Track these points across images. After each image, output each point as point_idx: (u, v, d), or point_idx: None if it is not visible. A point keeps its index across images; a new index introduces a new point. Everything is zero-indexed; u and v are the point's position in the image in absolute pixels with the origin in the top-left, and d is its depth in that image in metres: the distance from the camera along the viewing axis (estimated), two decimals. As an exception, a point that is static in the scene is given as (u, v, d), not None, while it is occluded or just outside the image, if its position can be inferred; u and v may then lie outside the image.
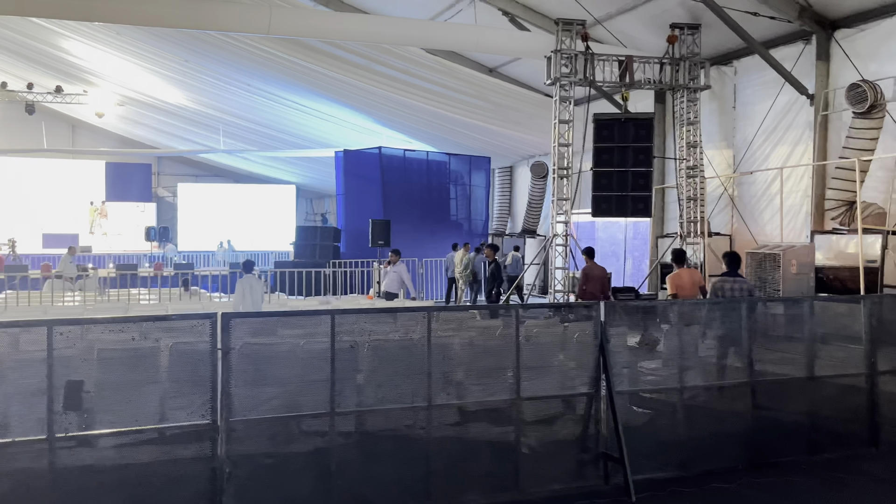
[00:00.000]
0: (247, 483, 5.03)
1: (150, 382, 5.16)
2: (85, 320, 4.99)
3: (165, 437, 4.97)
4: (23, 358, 5.04)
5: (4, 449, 4.66)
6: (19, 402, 4.85)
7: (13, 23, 17.96)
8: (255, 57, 16.70)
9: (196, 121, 23.82)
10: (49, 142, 26.70)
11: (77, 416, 4.72)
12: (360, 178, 19.44)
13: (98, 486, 4.74)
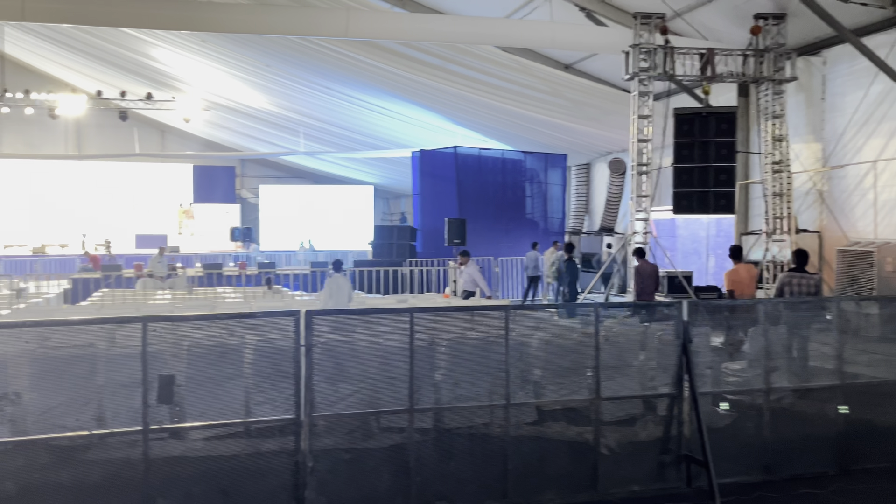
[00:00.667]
0: (327, 477, 5.14)
1: (236, 377, 5.33)
2: (177, 317, 5.20)
3: (251, 431, 5.14)
4: (119, 353, 5.30)
5: (102, 439, 4.90)
6: (116, 395, 5.09)
7: (107, 34, 18.84)
8: (333, 60, 17.02)
9: (277, 124, 24.44)
10: (141, 147, 27.90)
11: (169, 409, 4.93)
12: (435, 177, 19.56)
13: (187, 477, 4.95)
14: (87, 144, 28.92)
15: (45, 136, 27.85)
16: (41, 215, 28.06)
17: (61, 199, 28.48)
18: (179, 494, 4.84)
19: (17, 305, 12.07)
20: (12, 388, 4.74)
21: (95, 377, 5.12)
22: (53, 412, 4.97)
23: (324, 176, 30.72)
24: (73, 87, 24.89)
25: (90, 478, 4.74)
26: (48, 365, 5.02)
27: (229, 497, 4.90)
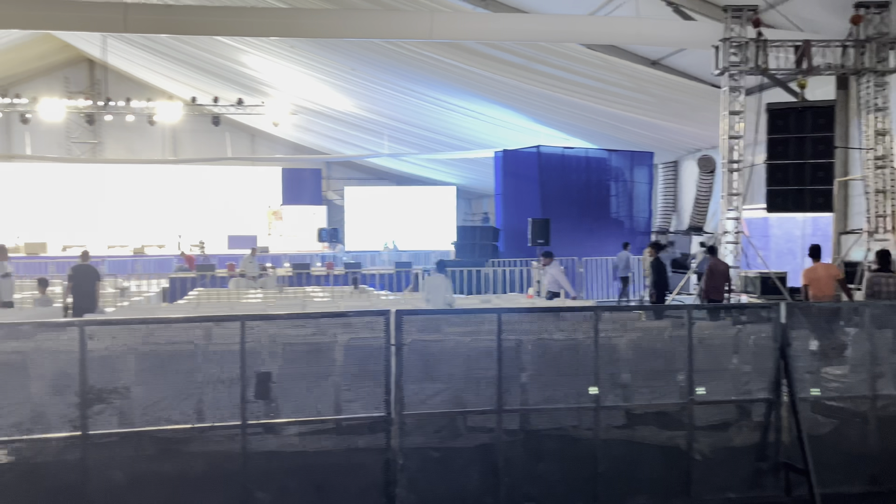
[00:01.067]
0: (417, 475, 5.21)
1: (327, 375, 5.46)
2: (273, 316, 5.37)
3: (343, 428, 5.25)
4: (216, 350, 5.50)
5: (202, 432, 5.11)
6: (215, 390, 5.29)
7: (201, 42, 19.61)
8: (417, 61, 17.19)
9: (362, 126, 24.86)
10: (232, 150, 28.92)
11: (265, 405, 5.09)
12: (518, 177, 19.49)
13: (282, 470, 5.09)
14: (182, 149, 30.17)
15: (144, 141, 29.20)
16: (140, 217, 29.43)
17: (159, 202, 29.78)
18: (275, 488, 4.99)
19: (121, 303, 12.71)
20: (122, 383, 4.98)
21: (196, 373, 5.34)
22: (158, 406, 5.20)
23: (407, 177, 31.06)
24: (170, 94, 25.99)
25: (192, 469, 4.95)
26: (153, 361, 5.26)
27: (322, 492, 5.02)
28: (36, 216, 28.53)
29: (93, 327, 4.88)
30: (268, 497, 4.93)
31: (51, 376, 5.01)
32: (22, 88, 26.69)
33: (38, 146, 27.73)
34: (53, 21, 13.46)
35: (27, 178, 28.79)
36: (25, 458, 4.97)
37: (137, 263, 21.78)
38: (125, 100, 24.07)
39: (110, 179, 29.35)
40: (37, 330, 4.98)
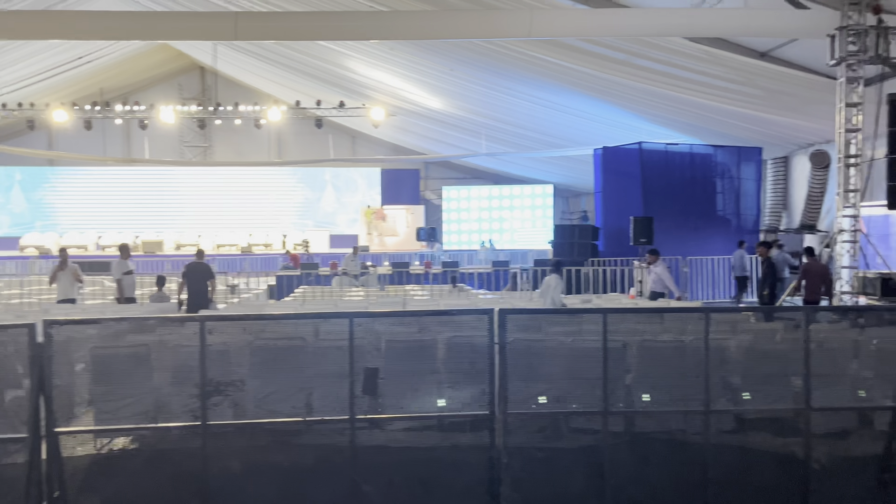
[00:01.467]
0: (521, 474, 5.21)
1: (431, 372, 5.54)
2: (380, 313, 5.49)
3: (447, 424, 5.31)
4: (323, 345, 5.67)
5: (312, 425, 5.28)
6: (324, 385, 5.45)
7: (305, 47, 20.24)
8: (515, 60, 17.14)
9: (460, 126, 25.02)
10: (334, 152, 29.70)
11: (372, 400, 5.21)
12: (619, 174, 19.13)
13: (389, 464, 5.20)
14: (286, 151, 31.22)
15: (250, 144, 30.38)
16: (247, 217, 30.66)
17: (264, 203, 30.95)
18: (382, 482, 5.10)
19: (231, 300, 13.29)
20: (237, 376, 5.21)
21: (305, 368, 5.52)
22: (270, 398, 5.41)
23: (504, 176, 31.04)
24: (276, 98, 26.92)
25: (304, 460, 5.12)
26: (266, 355, 5.48)
27: (428, 487, 5.10)
28: (152, 216, 30.20)
29: (212, 322, 5.12)
30: (375, 490, 5.05)
31: (173, 368, 5.30)
32: (140, 96, 28.30)
33: (154, 150, 29.35)
34: (170, 31, 14.19)
35: (145, 180, 30.49)
36: (150, 445, 5.27)
37: (245, 262, 22.71)
38: (233, 104, 25.11)
39: (220, 181, 30.71)
40: (161, 324, 5.27)
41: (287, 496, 5.06)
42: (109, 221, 29.85)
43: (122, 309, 11.26)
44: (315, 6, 15.89)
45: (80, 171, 30.28)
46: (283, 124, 27.50)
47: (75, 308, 11.29)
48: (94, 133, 26.54)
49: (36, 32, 13.67)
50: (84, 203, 30.20)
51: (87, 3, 20.34)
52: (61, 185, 30.26)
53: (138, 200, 30.31)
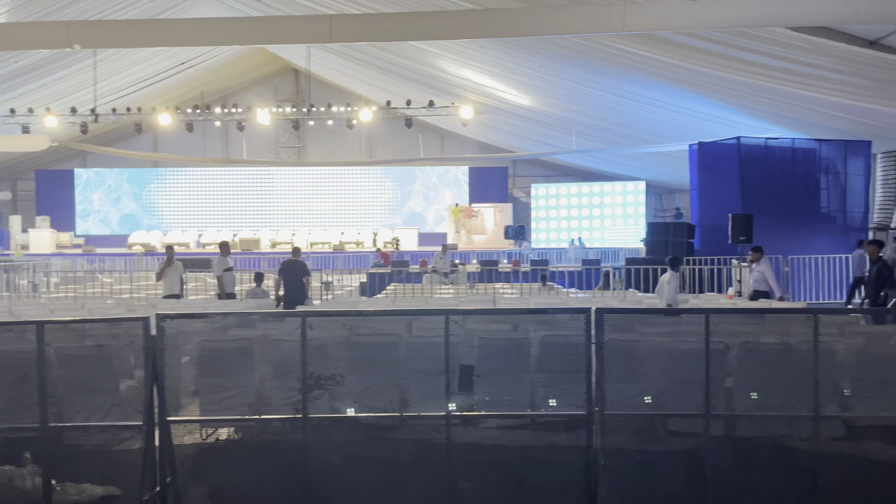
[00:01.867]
0: (619, 477, 5.12)
1: (526, 371, 5.52)
2: (474, 311, 5.51)
3: (542, 424, 5.28)
4: (416, 342, 5.74)
5: (408, 420, 5.35)
6: (419, 381, 5.51)
7: (396, 47, 20.50)
8: (606, 55, 16.86)
9: (549, 123, 24.81)
10: (423, 151, 30.00)
11: (468, 397, 5.24)
12: (716, 170, 18.55)
13: (484, 462, 5.21)
14: (376, 150, 31.76)
15: (342, 144, 31.06)
16: (339, 216, 31.38)
17: (355, 201, 31.59)
18: (478, 478, 5.12)
19: (325, 297, 13.62)
20: (336, 370, 5.33)
21: (401, 363, 5.60)
22: (367, 393, 5.51)
23: (594, 173, 30.61)
24: (367, 99, 27.41)
25: (400, 455, 5.20)
26: (363, 351, 5.58)
27: (524, 486, 5.09)
28: (249, 215, 31.31)
29: (313, 318, 5.26)
30: (471, 487, 5.08)
31: (275, 362, 5.47)
32: (238, 99, 29.40)
33: (251, 151, 30.42)
34: (268, 36, 14.65)
35: (242, 180, 31.64)
36: (254, 436, 5.46)
37: (337, 259, 23.23)
38: (326, 105, 25.70)
39: (313, 180, 31.55)
40: (264, 320, 5.45)
41: (384, 490, 5.15)
42: (209, 220, 31.15)
43: (222, 304, 11.72)
44: (407, 7, 16.08)
45: (182, 172, 31.69)
46: (374, 124, 27.97)
47: (179, 303, 11.82)
48: (195, 135, 27.71)
49: (143, 41, 14.36)
50: (185, 202, 31.61)
51: (189, 12, 21.27)
52: (165, 186, 31.75)
53: (236, 200, 31.50)
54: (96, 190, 31.58)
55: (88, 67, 21.91)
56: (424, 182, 31.78)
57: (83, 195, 31.54)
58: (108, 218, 31.60)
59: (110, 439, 5.44)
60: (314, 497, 5.17)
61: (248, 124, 26.51)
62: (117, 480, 5.32)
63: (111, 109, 24.79)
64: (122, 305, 11.37)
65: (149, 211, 31.60)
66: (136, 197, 31.64)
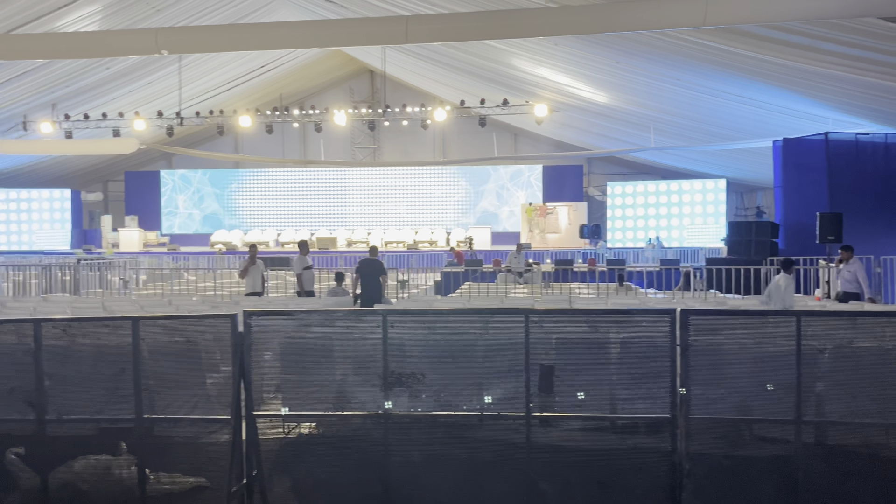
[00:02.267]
0: (704, 482, 5.00)
1: (608, 373, 5.44)
2: (554, 311, 5.46)
3: (625, 426, 5.20)
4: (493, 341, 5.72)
5: (488, 419, 5.35)
6: (497, 380, 5.50)
7: (470, 47, 20.52)
8: (686, 49, 16.45)
9: (625, 120, 24.40)
10: (497, 150, 29.95)
11: (548, 398, 5.20)
12: (801, 167, 17.88)
13: (565, 464, 5.16)
14: (450, 150, 31.88)
15: (416, 144, 31.33)
16: (413, 215, 31.65)
17: (429, 200, 31.79)
18: (558, 480, 5.08)
19: (401, 295, 13.75)
20: (416, 368, 5.37)
21: (480, 363, 5.60)
22: (447, 391, 5.54)
23: (672, 170, 29.95)
24: (441, 98, 27.56)
25: (480, 455, 5.20)
26: (442, 349, 5.60)
27: (605, 489, 5.02)
28: (326, 215, 31.93)
29: (394, 316, 5.32)
30: (552, 489, 5.04)
31: (357, 359, 5.55)
32: (315, 100, 30.01)
33: (327, 152, 31.00)
34: (345, 38, 14.89)
35: (319, 180, 32.27)
36: (335, 432, 5.56)
37: (412, 258, 23.42)
38: (401, 106, 25.94)
39: (387, 180, 31.92)
40: (347, 317, 5.54)
41: (465, 488, 5.16)
42: (287, 219, 31.91)
43: (302, 301, 11.97)
44: (482, 6, 16.07)
45: (262, 173, 32.56)
46: (448, 124, 28.08)
47: (261, 300, 12.13)
48: (273, 136, 28.43)
49: (227, 45, 14.81)
50: (265, 202, 32.46)
51: (269, 16, 21.83)
52: (245, 186, 32.67)
53: (313, 199, 32.17)
54: (181, 192, 32.76)
55: (174, 72, 22.76)
56: (497, 181, 31.74)
57: (169, 196, 32.76)
58: (191, 217, 32.72)
59: (199, 432, 5.62)
60: (395, 493, 5.23)
61: (325, 125, 26.99)
62: (206, 472, 5.50)
63: (195, 112, 25.65)
64: (207, 302, 11.74)
65: (230, 211, 32.57)
66: (218, 197, 32.66)
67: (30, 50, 14.63)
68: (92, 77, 21.94)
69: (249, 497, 5.27)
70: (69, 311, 10.63)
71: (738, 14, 12.81)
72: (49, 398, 5.64)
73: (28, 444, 5.62)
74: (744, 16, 12.90)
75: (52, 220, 30.04)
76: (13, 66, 19.39)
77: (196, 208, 32.73)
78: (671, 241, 27.62)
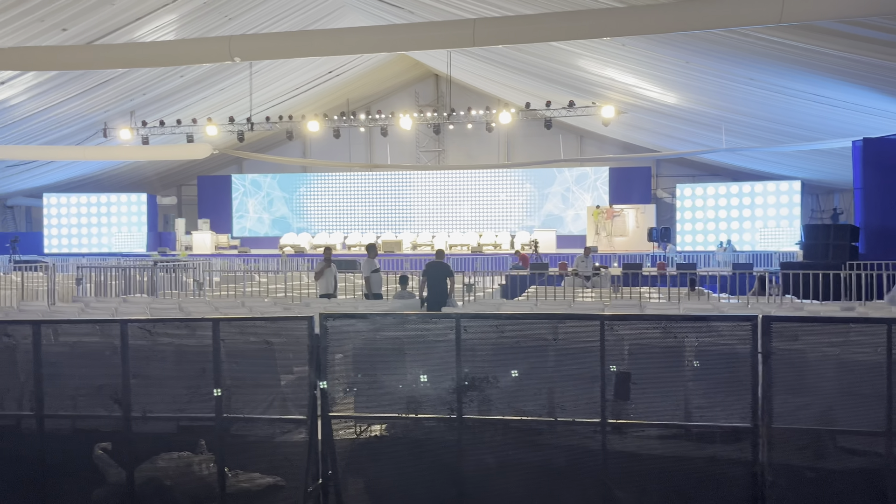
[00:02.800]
0: (788, 494, 4.85)
1: (684, 380, 5.33)
2: (629, 316, 5.39)
3: (704, 435, 5.08)
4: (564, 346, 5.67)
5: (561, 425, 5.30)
6: (571, 386, 5.45)
7: (535, 49, 20.43)
8: (759, 47, 15.99)
9: (695, 121, 23.90)
10: (563, 152, 29.70)
11: (625, 405, 5.13)
12: (883, 168, 17.20)
13: (642, 472, 5.08)
14: (515, 153, 31.79)
15: (481, 147, 31.34)
16: (478, 218, 31.67)
17: (494, 203, 31.76)
18: (635, 489, 5.00)
19: (468, 298, 13.77)
20: (488, 372, 5.37)
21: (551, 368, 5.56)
22: (520, 396, 5.52)
23: (744, 172, 29.19)
24: (506, 101, 27.50)
25: (554, 461, 5.16)
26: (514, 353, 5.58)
27: (685, 498, 4.92)
28: (391, 218, 32.23)
29: (466, 320, 5.33)
30: (629, 497, 4.97)
31: (430, 362, 5.57)
32: (381, 104, 30.32)
33: (393, 156, 31.31)
34: (412, 42, 15.01)
35: (385, 184, 32.60)
36: (408, 434, 5.60)
37: (476, 261, 23.42)
38: (466, 109, 25.97)
39: (452, 184, 32.03)
40: (420, 320, 5.57)
41: (538, 494, 5.13)
42: (354, 223, 32.34)
43: (370, 304, 12.11)
44: (548, 7, 15.98)
45: (329, 177, 33.08)
46: (513, 126, 28.00)
47: (331, 302, 12.31)
48: (340, 141, 28.75)
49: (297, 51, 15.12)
50: (332, 206, 32.96)
51: (337, 22, 22.18)
52: (313, 190, 33.24)
53: (379, 203, 32.50)
54: (251, 195, 33.54)
55: (245, 79, 23.35)
56: (562, 184, 31.48)
57: (240, 200, 33.59)
58: (261, 221, 33.47)
59: (276, 431, 5.74)
60: (469, 497, 5.23)
61: (391, 129, 27.25)
62: (283, 471, 5.61)
63: (265, 118, 26.24)
64: (279, 304, 11.99)
65: (298, 214, 33.19)
66: (287, 201, 33.31)
67: (111, 59, 15.25)
68: (167, 85, 22.69)
69: (325, 497, 5.35)
70: (148, 312, 11.01)
71: (816, 10, 12.39)
72: (134, 396, 5.85)
73: (115, 439, 5.83)
74: (823, 12, 12.47)
75: (130, 224, 31.17)
76: (95, 75, 20.22)
77: (266, 212, 33.47)
78: (743, 245, 26.91)
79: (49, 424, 6.03)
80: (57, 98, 21.20)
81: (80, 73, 19.61)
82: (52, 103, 21.50)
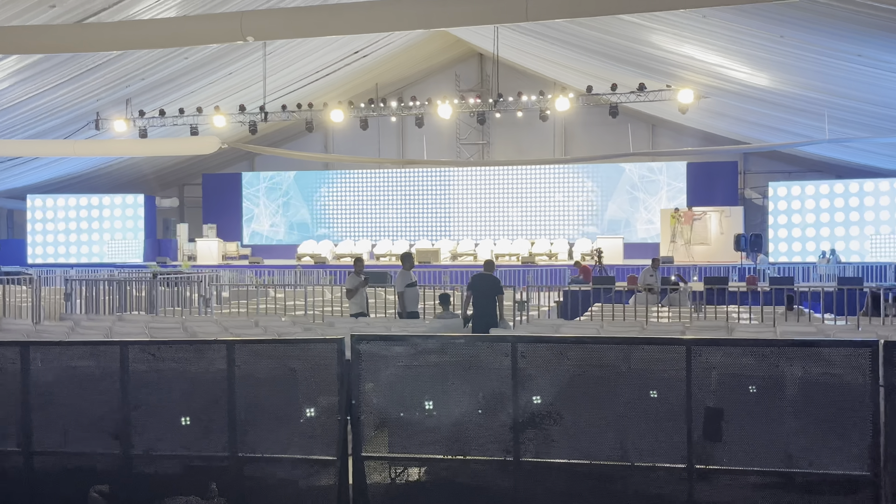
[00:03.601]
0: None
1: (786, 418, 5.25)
2: (719, 341, 5.32)
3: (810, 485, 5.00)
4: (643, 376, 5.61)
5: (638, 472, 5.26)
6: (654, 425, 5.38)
7: (599, 22, 20.37)
8: (868, 18, 15.74)
9: (792, 107, 23.60)
10: (633, 145, 29.48)
11: (715, 448, 5.06)
12: None
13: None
14: (573, 145, 31.68)
15: (532, 139, 31.31)
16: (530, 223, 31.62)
17: (548, 206, 31.69)
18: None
19: (519, 317, 13.75)
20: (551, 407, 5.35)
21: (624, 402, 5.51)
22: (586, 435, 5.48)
23: (852, 168, 28.73)
24: (563, 84, 27.48)
25: (629, 512, 5.12)
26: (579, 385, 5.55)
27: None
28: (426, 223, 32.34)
29: (524, 344, 5.32)
30: (720, 557, 4.90)
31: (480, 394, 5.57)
32: (415, 89, 30.46)
33: (430, 150, 31.39)
34: (455, 18, 15.06)
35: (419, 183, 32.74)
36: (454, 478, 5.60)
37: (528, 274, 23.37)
38: (515, 95, 25.95)
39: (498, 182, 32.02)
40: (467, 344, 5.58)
41: (611, 553, 5.09)
42: (383, 228, 32.50)
43: (405, 324, 12.14)
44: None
45: (354, 175, 33.32)
46: (572, 114, 27.94)
47: (359, 323, 12.37)
48: (368, 133, 28.92)
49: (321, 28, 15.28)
50: (357, 209, 33.17)
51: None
52: (336, 190, 33.52)
53: (412, 205, 32.64)
54: (264, 196, 33.96)
55: (257, 61, 23.67)
56: (630, 182, 31.29)
57: (251, 202, 34.02)
58: (275, 226, 33.86)
59: (299, 474, 5.79)
60: (527, 556, 5.21)
61: (427, 119, 27.36)
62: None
63: (281, 106, 26.54)
64: (298, 323, 12.09)
65: (318, 219, 33.49)
66: (306, 203, 33.65)
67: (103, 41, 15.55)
68: (168, 69, 23.09)
69: (357, 552, 5.38)
70: (147, 332, 11.19)
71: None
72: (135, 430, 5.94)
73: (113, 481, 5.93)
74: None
75: (125, 229, 31.77)
76: (85, 58, 20.66)
77: (281, 216, 33.85)
78: (850, 255, 26.43)
79: (38, 462, 6.16)
80: (42, 85, 21.71)
81: (68, 57, 20.05)
82: (37, 91, 22.03)
